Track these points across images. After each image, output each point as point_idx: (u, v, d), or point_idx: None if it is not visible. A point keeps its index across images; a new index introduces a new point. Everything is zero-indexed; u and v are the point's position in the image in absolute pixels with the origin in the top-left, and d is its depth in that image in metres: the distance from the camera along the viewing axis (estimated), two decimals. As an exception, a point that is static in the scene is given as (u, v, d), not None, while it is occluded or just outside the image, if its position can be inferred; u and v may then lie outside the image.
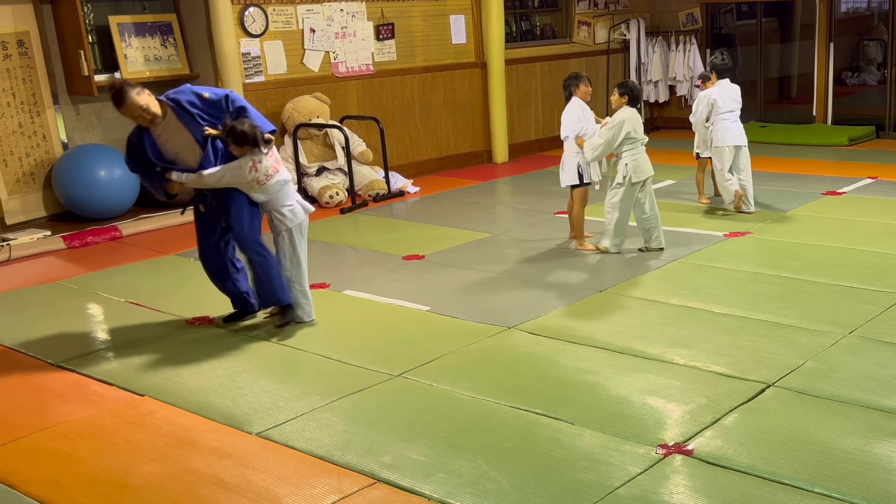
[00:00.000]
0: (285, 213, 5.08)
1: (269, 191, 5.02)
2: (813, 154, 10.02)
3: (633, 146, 6.17)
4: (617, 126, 6.12)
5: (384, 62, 9.68)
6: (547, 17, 11.88)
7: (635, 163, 6.17)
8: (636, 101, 6.28)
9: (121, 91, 4.76)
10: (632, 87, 6.27)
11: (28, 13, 7.85)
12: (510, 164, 10.57)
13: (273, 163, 5.03)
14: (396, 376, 4.41)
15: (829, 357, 4.37)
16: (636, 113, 6.24)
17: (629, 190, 6.22)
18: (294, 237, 5.12)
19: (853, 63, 12.60)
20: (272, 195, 5.04)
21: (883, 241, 6.29)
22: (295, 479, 3.49)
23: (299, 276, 5.18)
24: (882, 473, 3.29)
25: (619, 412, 3.90)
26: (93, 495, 3.47)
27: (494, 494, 3.29)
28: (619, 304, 5.34)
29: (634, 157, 6.17)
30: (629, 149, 6.16)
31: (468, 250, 6.70)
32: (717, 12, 12.51)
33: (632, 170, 6.17)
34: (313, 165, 8.77)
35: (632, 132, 6.12)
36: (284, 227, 5.08)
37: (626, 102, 6.21)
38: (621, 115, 6.17)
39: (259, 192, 5.01)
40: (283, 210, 5.07)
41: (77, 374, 4.72)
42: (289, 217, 5.09)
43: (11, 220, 7.81)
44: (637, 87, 6.34)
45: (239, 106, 4.98)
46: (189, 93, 4.96)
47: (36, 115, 7.98)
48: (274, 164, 5.04)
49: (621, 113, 6.18)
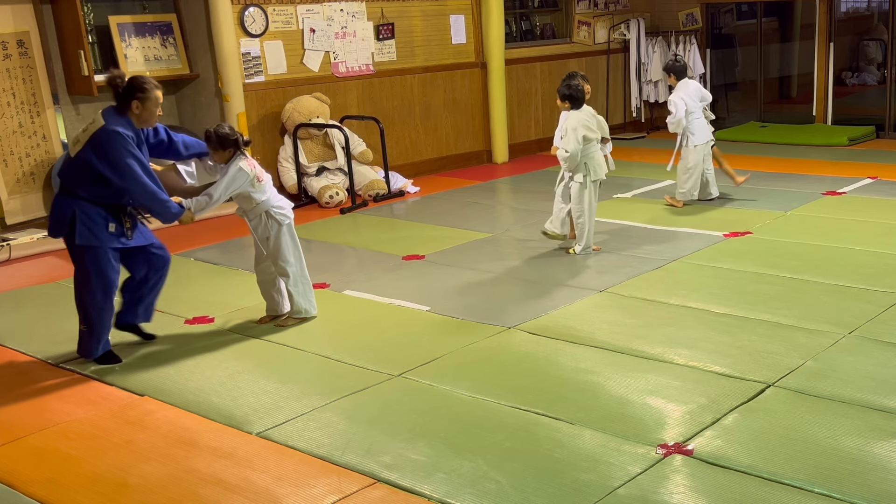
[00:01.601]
0: (283, 205, 5.11)
1: (265, 189, 5.03)
2: (813, 154, 10.02)
3: (589, 145, 6.22)
4: (571, 135, 6.16)
5: (384, 62, 9.68)
6: (547, 17, 11.89)
7: (593, 162, 6.24)
8: (580, 103, 6.26)
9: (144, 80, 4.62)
10: (570, 89, 6.25)
11: (28, 13, 7.85)
12: (510, 164, 10.57)
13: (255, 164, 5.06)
14: (396, 376, 4.41)
15: (829, 357, 4.37)
16: (584, 113, 6.24)
17: (591, 189, 6.28)
18: (293, 231, 5.15)
19: (853, 63, 12.61)
20: (269, 193, 5.06)
21: (883, 241, 6.29)
22: (295, 479, 3.49)
23: (303, 269, 5.20)
24: (882, 473, 3.29)
25: (619, 412, 3.90)
26: (93, 495, 3.47)
27: (494, 494, 3.29)
28: (619, 304, 5.34)
29: (592, 157, 6.23)
30: (587, 150, 6.22)
31: (468, 250, 6.70)
32: (717, 12, 12.51)
33: (591, 169, 6.23)
34: (313, 165, 8.77)
35: (587, 134, 6.16)
36: (282, 223, 5.09)
37: (568, 107, 6.24)
38: (570, 122, 6.21)
39: (258, 190, 5.00)
40: (274, 211, 5.07)
41: (77, 374, 4.72)
42: (286, 210, 5.11)
43: (11, 220, 7.81)
44: (574, 88, 6.27)
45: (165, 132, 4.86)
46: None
47: (36, 115, 7.98)
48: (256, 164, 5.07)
49: (570, 120, 6.23)
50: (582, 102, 6.29)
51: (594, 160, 6.24)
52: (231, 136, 4.87)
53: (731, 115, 12.71)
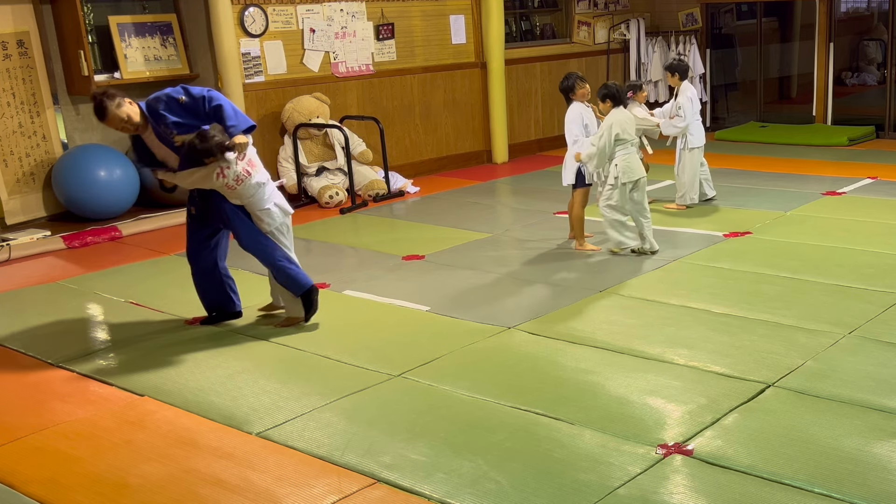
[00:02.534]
0: (262, 217, 5.06)
1: (242, 195, 4.99)
2: (813, 154, 10.02)
3: (623, 147, 6.19)
4: (606, 131, 6.14)
5: (384, 62, 9.68)
6: (547, 17, 11.89)
7: (625, 164, 6.20)
8: (620, 102, 6.26)
9: (100, 105, 4.75)
10: (612, 89, 6.25)
11: (28, 13, 7.85)
12: (510, 164, 10.57)
13: (245, 166, 4.94)
14: (396, 376, 4.41)
15: (829, 357, 4.37)
16: (625, 114, 6.24)
17: (621, 191, 6.24)
18: (277, 238, 5.13)
19: (853, 63, 12.60)
20: (247, 199, 5.01)
21: (883, 241, 6.29)
22: (295, 479, 3.49)
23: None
24: (882, 473, 3.29)
25: (619, 412, 3.90)
26: (93, 495, 3.47)
27: (494, 494, 3.29)
28: (619, 304, 5.34)
29: (625, 158, 6.20)
30: (619, 150, 6.19)
31: (468, 250, 6.70)
32: (717, 12, 12.51)
33: (622, 170, 6.19)
34: (313, 165, 8.77)
35: (620, 133, 6.14)
36: (264, 229, 5.09)
37: (612, 106, 6.22)
38: (609, 118, 6.19)
39: (232, 196, 4.99)
40: (261, 214, 5.06)
41: (77, 374, 4.72)
42: (266, 221, 5.07)
43: (11, 220, 7.81)
44: (616, 88, 6.28)
45: (215, 105, 4.87)
46: (165, 98, 4.87)
47: (36, 115, 7.98)
48: (246, 167, 4.95)
49: (609, 116, 6.20)
50: (623, 101, 6.29)
51: (627, 162, 6.20)
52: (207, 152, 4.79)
53: (731, 115, 12.71)
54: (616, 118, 6.16)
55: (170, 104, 4.84)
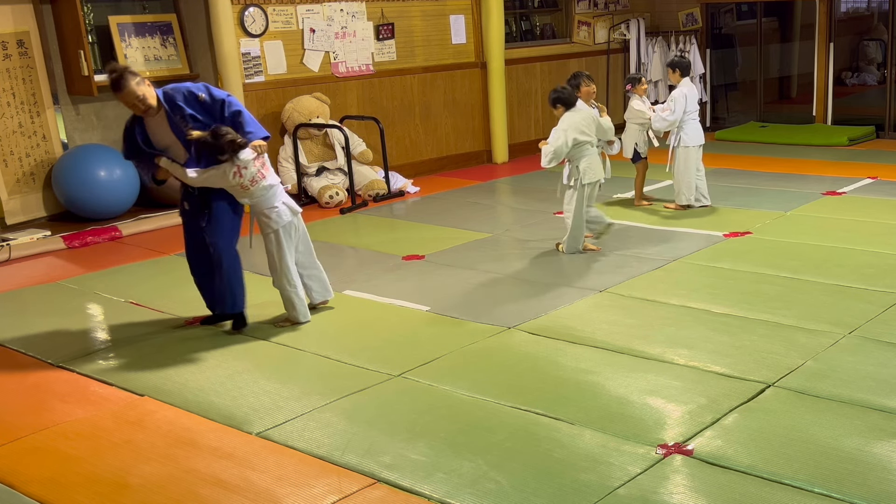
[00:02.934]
0: (271, 215, 5.07)
1: (253, 195, 5.02)
2: (813, 154, 10.02)
3: (582, 149, 6.21)
4: (562, 135, 6.15)
5: (384, 62, 9.68)
6: (547, 17, 11.89)
7: (587, 165, 6.23)
8: (571, 105, 6.26)
9: (121, 77, 4.79)
10: (562, 94, 6.26)
11: (28, 13, 7.85)
12: (510, 164, 10.57)
13: (260, 168, 4.99)
14: (396, 376, 4.41)
15: (829, 357, 4.37)
16: (580, 115, 6.24)
17: (580, 192, 6.27)
18: (281, 239, 5.10)
19: (853, 63, 12.60)
20: (257, 199, 5.03)
21: (883, 241, 6.29)
22: (295, 479, 3.49)
23: (289, 276, 5.17)
24: (882, 473, 3.29)
25: (619, 412, 3.90)
26: (93, 495, 3.47)
27: (494, 494, 3.29)
28: (619, 304, 5.34)
29: (587, 160, 6.23)
30: (581, 151, 6.21)
31: (468, 250, 6.70)
32: (717, 12, 12.51)
33: (583, 171, 6.22)
34: (313, 165, 8.77)
35: (579, 137, 6.15)
36: (270, 229, 5.09)
37: (564, 110, 6.24)
38: (562, 122, 6.21)
39: (243, 195, 5.01)
40: (268, 212, 5.06)
41: (77, 374, 4.72)
42: (273, 219, 5.07)
43: (11, 220, 7.82)
44: (567, 92, 6.29)
45: (234, 111, 4.95)
46: (185, 92, 4.95)
47: (36, 115, 7.98)
48: (260, 169, 4.99)
49: (562, 121, 6.22)
50: (573, 103, 6.29)
51: (585, 163, 6.23)
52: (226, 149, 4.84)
53: (731, 114, 12.71)
54: (570, 121, 6.18)
55: (189, 98, 4.92)
